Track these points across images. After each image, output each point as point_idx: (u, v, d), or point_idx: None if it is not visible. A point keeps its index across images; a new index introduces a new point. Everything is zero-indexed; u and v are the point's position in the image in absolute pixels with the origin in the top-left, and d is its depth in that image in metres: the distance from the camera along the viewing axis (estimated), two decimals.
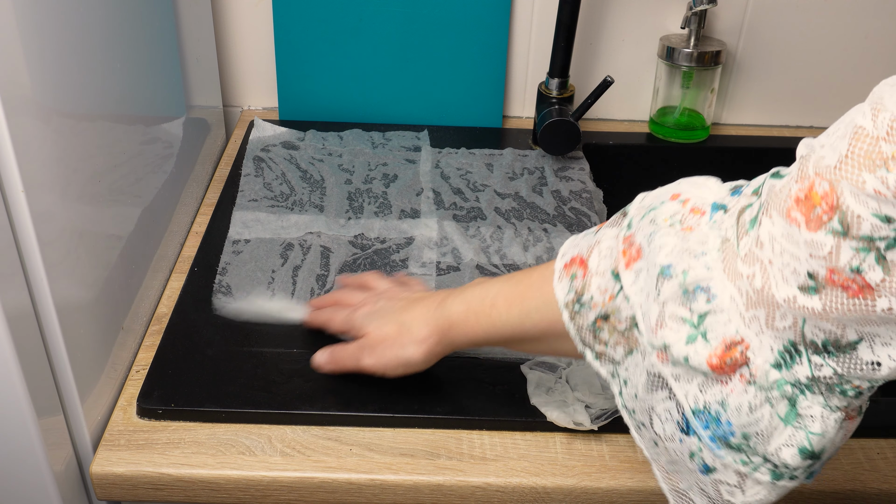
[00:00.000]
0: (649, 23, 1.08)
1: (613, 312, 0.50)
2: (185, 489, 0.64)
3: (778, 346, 0.43)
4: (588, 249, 0.53)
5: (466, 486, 0.64)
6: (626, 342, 0.50)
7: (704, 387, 0.45)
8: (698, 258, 0.45)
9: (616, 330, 0.50)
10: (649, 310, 0.47)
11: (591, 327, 0.51)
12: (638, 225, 0.50)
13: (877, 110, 0.38)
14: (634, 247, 0.49)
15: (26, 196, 0.55)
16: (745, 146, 1.09)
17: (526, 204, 0.94)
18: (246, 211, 0.90)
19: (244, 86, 1.14)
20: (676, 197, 0.49)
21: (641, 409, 0.49)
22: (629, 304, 0.49)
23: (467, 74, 1.07)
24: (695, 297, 0.45)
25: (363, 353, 0.67)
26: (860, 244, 0.38)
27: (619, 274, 0.49)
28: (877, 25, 1.07)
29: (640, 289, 0.48)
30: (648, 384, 0.48)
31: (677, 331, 0.45)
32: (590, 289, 0.51)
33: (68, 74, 0.61)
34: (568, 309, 0.52)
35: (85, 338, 0.64)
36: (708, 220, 0.47)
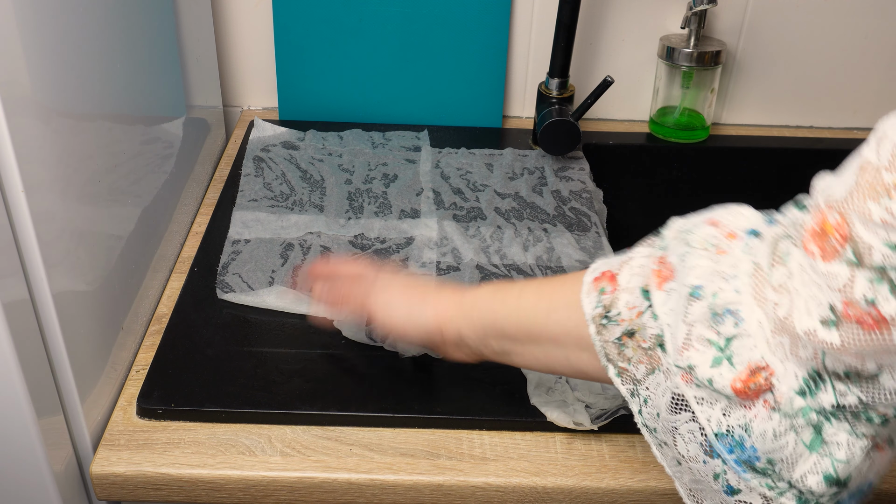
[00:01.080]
0: (649, 23, 1.08)
1: (639, 329, 0.50)
2: (185, 489, 0.64)
3: (802, 373, 0.43)
4: (619, 265, 0.53)
5: (466, 486, 0.64)
6: (648, 361, 0.50)
7: (728, 411, 0.45)
8: (729, 281, 0.46)
9: (640, 347, 0.50)
10: (677, 330, 0.47)
11: (616, 342, 0.51)
12: (669, 245, 0.50)
13: (880, 141, 0.39)
14: (667, 266, 0.49)
15: (26, 196, 0.55)
16: (745, 146, 1.09)
17: (526, 204, 0.94)
18: (246, 211, 0.90)
19: (244, 86, 1.14)
20: (712, 222, 0.50)
21: (664, 429, 0.49)
22: (657, 322, 0.49)
23: (467, 74, 1.07)
24: (723, 319, 0.45)
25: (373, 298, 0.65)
26: (874, 275, 0.39)
27: (650, 291, 0.50)
28: (877, 25, 1.07)
29: (669, 309, 0.48)
30: (671, 405, 0.48)
31: (703, 353, 0.45)
32: (618, 304, 0.51)
33: (68, 74, 0.61)
34: (595, 322, 0.52)
35: (85, 338, 0.64)
36: (742, 245, 0.47)
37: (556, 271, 0.84)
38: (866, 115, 1.14)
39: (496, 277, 0.82)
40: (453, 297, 0.63)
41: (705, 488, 0.49)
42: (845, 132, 1.13)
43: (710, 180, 1.09)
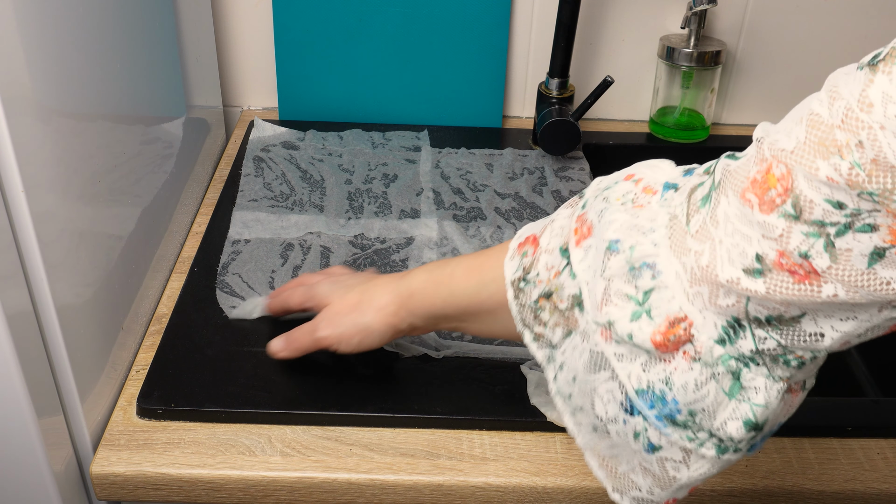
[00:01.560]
0: (649, 23, 1.08)
1: (557, 290, 0.49)
2: (185, 489, 0.64)
3: (721, 322, 0.43)
4: (542, 229, 0.53)
5: (466, 486, 0.64)
6: (565, 323, 0.49)
7: (648, 365, 0.45)
8: (646, 235, 0.45)
9: (557, 309, 0.49)
10: (595, 286, 0.46)
11: (532, 306, 0.51)
12: (591, 203, 0.50)
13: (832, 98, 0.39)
14: (586, 224, 0.49)
15: (26, 196, 0.55)
16: (745, 146, 1.08)
17: (526, 204, 0.94)
18: (246, 211, 0.90)
19: (244, 86, 1.14)
20: (630, 177, 0.49)
21: (581, 392, 0.48)
22: (575, 280, 0.48)
23: (467, 74, 1.07)
24: (640, 273, 0.44)
25: (320, 324, 0.65)
26: (811, 229, 0.38)
27: (569, 250, 0.49)
28: (877, 25, 1.07)
29: (587, 266, 0.47)
30: (591, 364, 0.47)
31: (622, 307, 0.45)
32: (537, 266, 0.51)
33: (68, 74, 0.61)
34: (513, 287, 0.52)
35: (85, 338, 0.64)
36: (659, 198, 0.47)
37: None
38: None
39: None
40: (389, 292, 0.63)
41: (622, 452, 0.48)
42: None
43: None
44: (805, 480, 0.65)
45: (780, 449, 0.67)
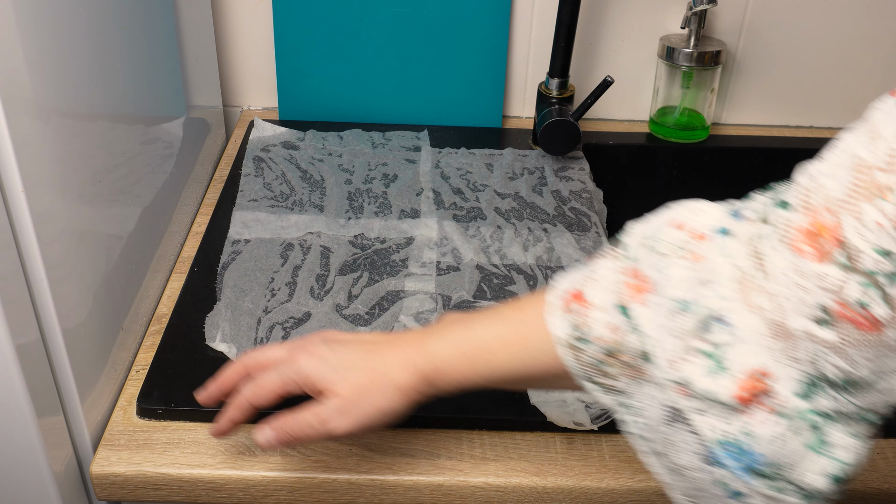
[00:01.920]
0: (649, 23, 1.08)
1: (620, 347, 0.48)
2: (185, 489, 0.64)
3: (801, 376, 0.43)
4: (582, 281, 0.51)
5: (466, 486, 0.64)
6: (634, 374, 0.48)
7: (728, 419, 0.44)
8: (711, 287, 0.45)
9: (624, 364, 0.49)
10: (664, 343, 0.46)
11: (596, 364, 0.50)
12: (638, 255, 0.49)
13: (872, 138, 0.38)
14: (642, 278, 0.48)
15: (26, 196, 0.55)
16: (745, 146, 1.09)
17: (526, 204, 0.94)
18: (246, 211, 0.90)
19: (244, 86, 1.14)
20: (677, 225, 0.48)
21: (658, 440, 0.48)
22: (640, 338, 0.47)
23: (467, 74, 1.07)
24: (712, 328, 0.44)
25: (331, 414, 0.55)
26: (864, 279, 0.38)
27: (627, 308, 0.48)
28: (877, 25, 1.07)
29: (653, 323, 0.47)
30: (665, 418, 0.47)
31: (697, 364, 0.44)
32: (593, 324, 0.49)
33: (68, 74, 0.61)
34: (568, 347, 0.50)
35: (85, 338, 0.64)
36: (716, 247, 0.46)
37: (555, 271, 0.84)
38: None
39: (496, 277, 0.82)
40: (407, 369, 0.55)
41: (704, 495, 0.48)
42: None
43: (710, 180, 1.10)
44: None
45: None
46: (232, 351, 0.72)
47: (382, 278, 0.81)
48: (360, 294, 0.79)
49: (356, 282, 0.81)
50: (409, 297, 0.79)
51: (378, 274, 0.82)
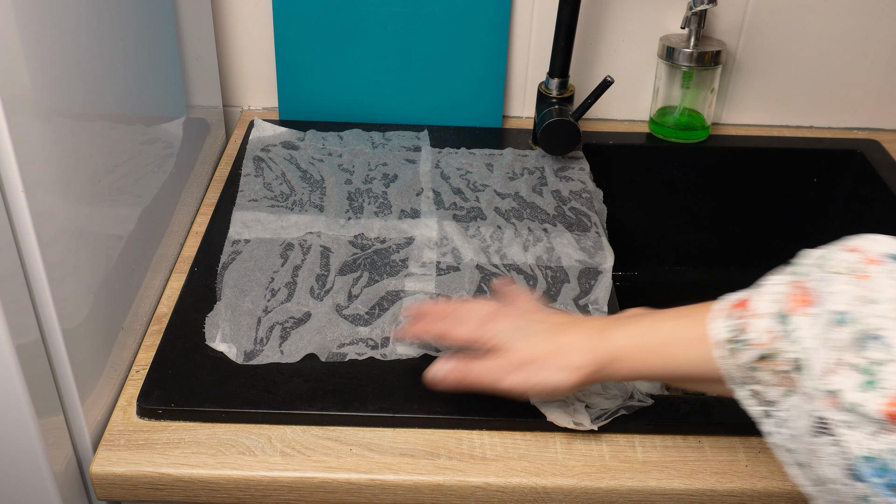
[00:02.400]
0: (649, 23, 1.08)
1: (775, 354, 0.50)
2: (185, 489, 0.64)
3: None
4: (751, 293, 0.54)
5: (466, 486, 0.64)
6: (786, 383, 0.50)
7: (876, 435, 0.45)
8: (873, 306, 0.46)
9: (775, 371, 0.51)
10: (819, 355, 0.47)
11: (747, 366, 0.52)
12: (808, 271, 0.51)
13: None
14: (806, 291, 0.50)
15: (26, 196, 0.55)
16: (745, 146, 1.09)
17: (526, 204, 0.94)
18: (246, 211, 0.90)
19: (244, 86, 1.14)
20: (850, 248, 0.50)
21: (804, 451, 0.49)
22: (796, 346, 0.49)
23: (467, 74, 1.07)
24: (869, 345, 0.45)
25: (508, 370, 0.61)
26: None
27: (787, 316, 0.50)
28: (877, 25, 1.07)
29: (810, 334, 0.49)
30: (812, 429, 0.48)
31: (849, 377, 0.45)
32: (751, 328, 0.52)
33: (68, 74, 0.61)
34: (722, 347, 0.53)
35: (85, 338, 0.64)
36: (885, 269, 0.48)
37: (555, 271, 0.84)
38: (866, 115, 1.14)
39: (496, 277, 0.82)
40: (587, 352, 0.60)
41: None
42: (845, 132, 1.13)
43: (710, 180, 1.10)
44: None
45: None
46: (232, 351, 0.72)
47: (382, 278, 0.81)
48: (360, 294, 0.79)
49: (356, 282, 0.81)
50: (409, 297, 0.79)
51: (378, 274, 0.82)
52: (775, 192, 1.10)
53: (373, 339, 0.74)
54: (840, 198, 1.09)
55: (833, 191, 1.09)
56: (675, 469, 0.65)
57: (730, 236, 1.13)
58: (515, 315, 0.64)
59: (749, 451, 0.67)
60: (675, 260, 1.14)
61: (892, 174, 1.03)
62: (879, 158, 1.06)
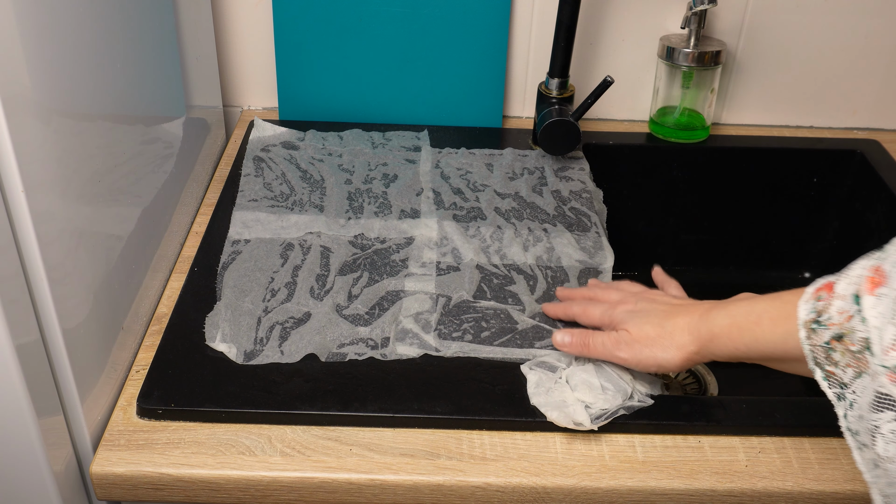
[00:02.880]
0: (649, 23, 1.08)
1: (848, 333, 0.52)
2: (185, 489, 0.64)
3: None
4: (838, 276, 0.55)
5: (466, 486, 0.64)
6: (857, 364, 0.51)
7: None
8: None
9: (849, 351, 0.52)
10: (885, 331, 0.49)
11: (824, 346, 0.53)
12: (891, 256, 0.52)
13: None
14: (880, 273, 0.52)
15: (26, 196, 0.55)
16: (745, 146, 1.09)
17: (526, 204, 0.94)
18: (246, 211, 0.90)
19: (244, 86, 1.14)
20: None
21: (865, 430, 0.50)
22: (865, 325, 0.50)
23: (467, 74, 1.07)
24: None
25: (620, 346, 0.68)
26: None
27: (860, 297, 0.52)
28: (877, 25, 1.07)
29: (879, 312, 0.50)
30: (874, 404, 0.49)
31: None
32: (830, 310, 0.54)
33: (68, 74, 0.61)
34: (806, 327, 0.55)
35: (85, 338, 0.64)
36: None
37: (555, 271, 0.84)
38: (866, 115, 1.14)
39: (496, 277, 0.82)
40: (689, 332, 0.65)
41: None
42: (845, 132, 1.13)
43: (710, 180, 1.10)
44: (805, 480, 0.65)
45: (780, 449, 0.67)
46: (232, 351, 0.72)
47: (382, 278, 0.81)
48: (360, 294, 0.79)
49: (356, 282, 0.81)
50: (409, 297, 0.79)
51: (378, 274, 0.82)
52: (775, 193, 1.10)
53: (373, 339, 0.74)
54: (840, 198, 1.09)
55: (833, 191, 1.09)
56: (675, 469, 0.65)
57: (730, 236, 1.13)
58: (637, 300, 0.72)
59: (749, 451, 0.67)
60: (675, 260, 1.14)
61: (892, 174, 1.03)
62: (879, 158, 1.06)
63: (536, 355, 0.72)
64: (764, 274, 1.14)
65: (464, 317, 0.77)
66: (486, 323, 0.76)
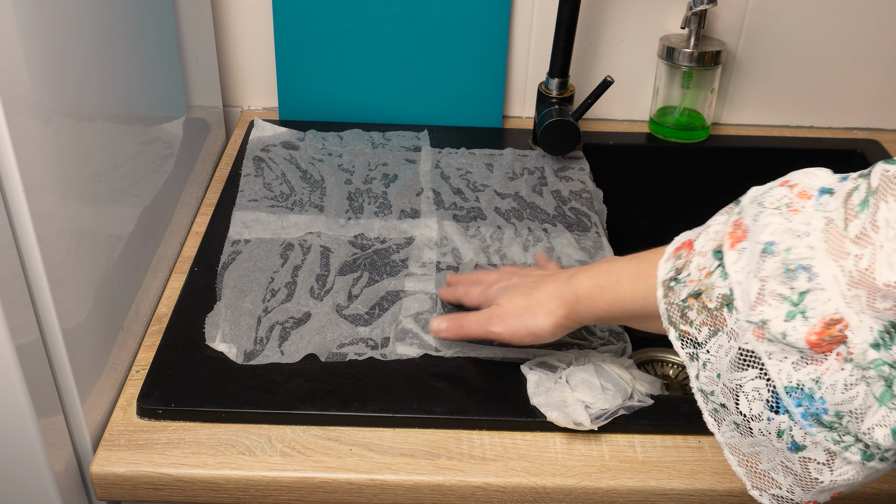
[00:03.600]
0: (649, 23, 1.08)
1: (706, 290, 0.51)
2: (185, 489, 0.64)
3: (878, 326, 0.44)
4: (697, 234, 0.55)
5: (466, 486, 0.64)
6: (712, 322, 0.50)
7: (799, 364, 0.46)
8: (802, 238, 0.46)
9: (705, 308, 0.51)
10: (749, 286, 0.48)
11: (680, 304, 0.53)
12: (745, 208, 0.52)
13: None
14: (741, 227, 0.51)
15: (26, 196, 0.55)
16: (745, 146, 1.09)
17: (526, 204, 0.94)
18: (246, 211, 0.90)
19: (244, 86, 1.14)
20: (785, 183, 0.51)
21: (724, 391, 0.50)
22: (726, 281, 0.50)
23: (467, 74, 1.07)
24: (796, 275, 0.46)
25: (492, 321, 0.69)
26: None
27: (722, 252, 0.51)
28: (877, 25, 1.07)
29: (741, 267, 0.49)
30: (737, 362, 0.48)
31: (776, 307, 0.46)
32: (689, 267, 0.53)
33: (68, 74, 0.61)
34: (664, 286, 0.54)
35: (85, 338, 0.64)
36: (814, 202, 0.48)
37: None
38: (866, 115, 1.14)
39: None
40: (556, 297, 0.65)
41: (763, 450, 0.49)
42: (845, 132, 1.13)
43: (710, 180, 1.10)
44: None
45: None
46: (232, 351, 0.72)
47: (382, 278, 0.81)
48: (360, 294, 0.79)
49: (356, 282, 0.81)
50: (409, 297, 0.79)
51: (378, 274, 0.82)
52: None
53: (373, 339, 0.74)
54: None
55: None
56: (675, 469, 0.65)
57: None
58: (511, 275, 0.73)
59: None
60: None
61: None
62: (879, 158, 1.06)
63: (536, 355, 0.72)
64: None
65: None
66: None
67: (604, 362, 0.71)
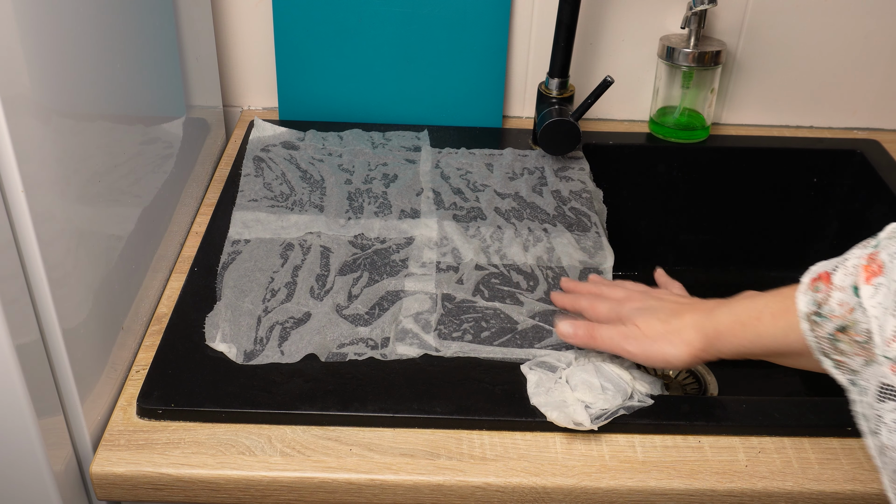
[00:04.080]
0: (649, 23, 1.08)
1: (852, 325, 0.52)
2: (185, 489, 0.64)
3: None
4: (834, 266, 0.56)
5: (466, 486, 0.64)
6: (864, 353, 0.52)
7: None
8: None
9: (855, 342, 0.52)
10: (885, 322, 0.49)
11: (829, 338, 0.54)
12: (884, 244, 0.53)
13: None
14: (876, 262, 0.52)
15: (26, 196, 0.55)
16: (745, 146, 1.09)
17: (526, 204, 0.94)
18: (246, 211, 0.90)
19: (244, 86, 1.14)
20: None
21: (873, 419, 0.51)
22: (867, 316, 0.51)
23: (467, 74, 1.07)
24: None
25: (628, 340, 0.68)
26: None
27: (859, 287, 0.52)
28: (877, 25, 1.07)
29: (877, 302, 0.51)
30: (878, 394, 0.50)
31: None
32: (830, 302, 0.54)
33: (68, 74, 0.61)
34: (808, 320, 0.56)
35: (85, 338, 0.64)
36: None
37: (556, 271, 0.84)
38: (866, 115, 1.14)
39: (496, 278, 0.82)
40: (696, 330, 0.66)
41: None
42: (845, 132, 1.13)
43: (710, 180, 1.10)
44: (805, 480, 0.65)
45: (780, 449, 0.67)
46: (232, 351, 0.72)
47: (382, 278, 0.81)
48: (360, 294, 0.79)
49: (356, 282, 0.81)
50: (409, 297, 0.79)
51: (378, 274, 0.82)
52: (775, 193, 1.10)
53: (373, 339, 0.74)
54: (840, 198, 1.09)
55: (833, 191, 1.09)
56: (675, 469, 0.65)
57: (730, 236, 1.13)
58: (644, 297, 0.72)
59: (749, 451, 0.67)
60: (675, 260, 1.14)
61: (892, 174, 1.03)
62: (879, 158, 1.06)
63: (536, 355, 0.72)
64: (764, 274, 1.14)
65: (464, 317, 0.77)
66: (486, 323, 0.76)
67: (604, 362, 0.71)
